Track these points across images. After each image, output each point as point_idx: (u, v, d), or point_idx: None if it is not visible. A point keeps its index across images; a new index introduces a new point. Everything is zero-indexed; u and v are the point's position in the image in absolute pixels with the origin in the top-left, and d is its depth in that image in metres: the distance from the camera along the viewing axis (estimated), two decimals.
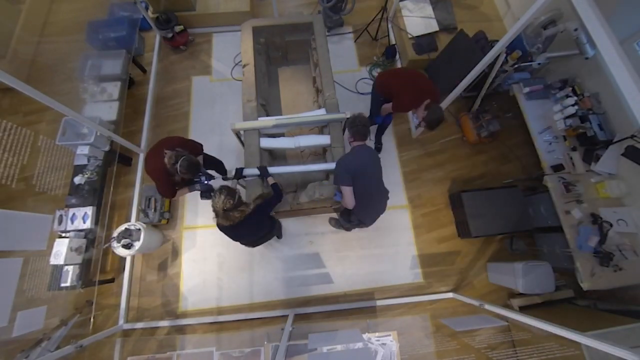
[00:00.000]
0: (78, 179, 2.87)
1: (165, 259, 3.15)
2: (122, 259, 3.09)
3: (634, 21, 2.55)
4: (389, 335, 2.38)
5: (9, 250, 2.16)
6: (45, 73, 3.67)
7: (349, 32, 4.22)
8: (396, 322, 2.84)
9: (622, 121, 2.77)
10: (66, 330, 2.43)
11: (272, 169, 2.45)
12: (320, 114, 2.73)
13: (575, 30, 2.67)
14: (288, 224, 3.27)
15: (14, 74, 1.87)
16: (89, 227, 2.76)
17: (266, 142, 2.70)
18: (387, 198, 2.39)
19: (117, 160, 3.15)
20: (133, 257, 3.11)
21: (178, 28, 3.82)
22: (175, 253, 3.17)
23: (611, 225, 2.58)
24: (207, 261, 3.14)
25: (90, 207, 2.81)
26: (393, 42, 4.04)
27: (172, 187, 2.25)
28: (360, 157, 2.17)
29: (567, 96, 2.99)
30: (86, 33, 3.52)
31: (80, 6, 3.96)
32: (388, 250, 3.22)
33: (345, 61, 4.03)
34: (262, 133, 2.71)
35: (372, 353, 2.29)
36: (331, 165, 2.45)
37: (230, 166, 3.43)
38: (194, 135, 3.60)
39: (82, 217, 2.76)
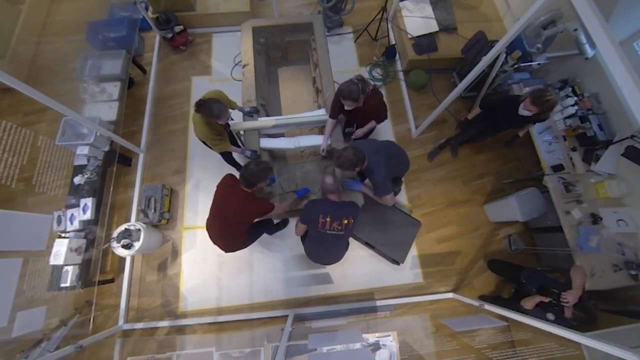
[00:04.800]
0: (78, 179, 2.87)
1: (165, 259, 3.15)
2: (122, 259, 3.09)
3: (633, 21, 2.55)
4: (389, 335, 2.38)
5: (8, 250, 2.16)
6: (45, 73, 3.66)
7: (349, 32, 4.21)
8: (396, 322, 2.84)
9: (622, 121, 2.77)
10: (66, 330, 2.42)
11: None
12: (320, 114, 2.73)
13: (575, 30, 2.66)
14: (288, 224, 3.26)
15: (13, 74, 1.87)
16: (89, 217, 2.75)
17: (266, 142, 2.70)
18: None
19: (117, 160, 3.15)
20: (133, 257, 3.11)
21: (178, 28, 3.82)
22: (175, 253, 3.17)
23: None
24: (207, 261, 3.13)
25: (90, 198, 2.80)
26: (393, 42, 4.04)
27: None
28: None
29: (567, 96, 2.99)
30: (86, 33, 3.51)
31: (80, 6, 3.95)
32: None
33: (345, 61, 4.03)
34: (262, 133, 2.71)
35: (371, 353, 2.28)
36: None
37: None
38: (193, 135, 3.58)
39: (82, 208, 2.76)
